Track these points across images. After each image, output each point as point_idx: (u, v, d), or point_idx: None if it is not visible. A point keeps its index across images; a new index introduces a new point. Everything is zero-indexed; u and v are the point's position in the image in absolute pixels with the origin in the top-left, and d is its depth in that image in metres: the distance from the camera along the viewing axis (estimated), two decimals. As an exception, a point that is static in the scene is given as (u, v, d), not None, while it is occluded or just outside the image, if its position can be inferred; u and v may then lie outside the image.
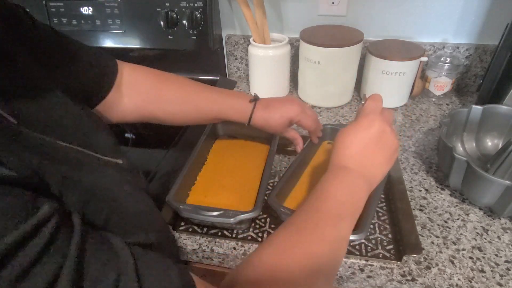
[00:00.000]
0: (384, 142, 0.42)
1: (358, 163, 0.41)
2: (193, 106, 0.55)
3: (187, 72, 0.97)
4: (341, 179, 0.40)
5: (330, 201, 0.38)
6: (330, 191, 0.39)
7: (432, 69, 0.80)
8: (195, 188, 0.57)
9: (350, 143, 0.42)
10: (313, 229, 0.35)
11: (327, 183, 0.40)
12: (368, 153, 0.41)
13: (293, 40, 0.88)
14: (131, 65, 0.55)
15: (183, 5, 0.82)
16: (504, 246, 0.48)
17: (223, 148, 0.66)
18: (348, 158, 0.41)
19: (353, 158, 0.41)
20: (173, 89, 0.55)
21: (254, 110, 0.55)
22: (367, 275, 0.46)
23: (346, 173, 0.41)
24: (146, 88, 0.54)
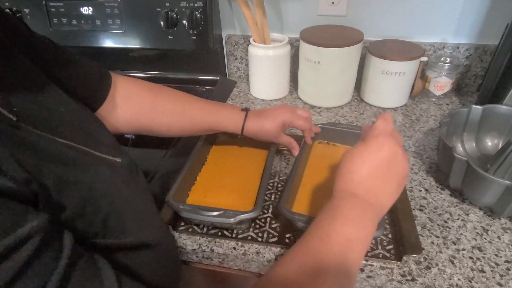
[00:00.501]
0: (395, 167, 0.38)
1: (366, 191, 0.37)
2: (187, 117, 0.56)
3: (187, 72, 0.98)
4: (346, 214, 0.36)
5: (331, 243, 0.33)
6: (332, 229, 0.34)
7: (432, 69, 0.80)
8: (195, 188, 0.57)
9: (358, 168, 0.38)
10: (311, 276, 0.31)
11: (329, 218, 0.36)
12: (378, 180, 0.37)
13: (293, 40, 0.88)
14: (126, 77, 0.55)
15: (183, 5, 0.82)
16: (504, 246, 0.48)
17: (223, 148, 0.66)
18: (356, 184, 0.37)
19: (361, 184, 0.37)
20: (167, 101, 0.56)
21: (246, 118, 0.56)
22: (367, 275, 0.46)
23: (351, 205, 0.36)
24: (140, 100, 0.55)
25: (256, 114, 0.57)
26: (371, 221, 0.36)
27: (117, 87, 0.53)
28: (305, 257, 0.33)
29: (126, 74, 1.01)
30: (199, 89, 0.95)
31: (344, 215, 0.35)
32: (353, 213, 0.36)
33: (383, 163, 0.37)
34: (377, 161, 0.37)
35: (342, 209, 0.36)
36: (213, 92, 0.91)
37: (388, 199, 0.39)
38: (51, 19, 0.91)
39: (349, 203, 0.36)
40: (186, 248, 0.50)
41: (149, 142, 0.73)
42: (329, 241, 0.34)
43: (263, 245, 0.49)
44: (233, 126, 0.56)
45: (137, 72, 1.01)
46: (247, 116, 0.57)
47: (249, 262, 0.49)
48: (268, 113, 0.58)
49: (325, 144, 0.64)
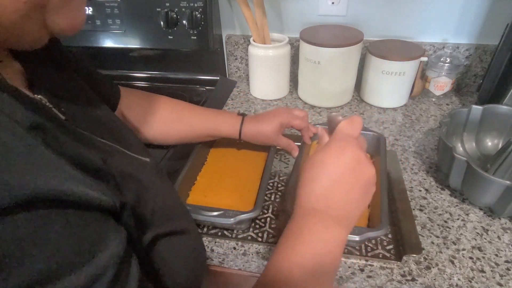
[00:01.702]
0: (361, 173, 0.34)
1: (330, 203, 0.33)
2: (185, 124, 0.58)
3: (187, 72, 0.98)
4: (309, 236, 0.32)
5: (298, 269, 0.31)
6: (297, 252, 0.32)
7: (432, 69, 0.80)
8: (195, 188, 0.57)
9: (319, 177, 0.34)
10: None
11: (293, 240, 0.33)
12: (342, 188, 0.34)
13: (293, 40, 0.88)
14: (127, 88, 0.57)
15: (183, 5, 0.82)
16: (504, 246, 0.48)
17: (223, 148, 0.66)
18: (318, 196, 0.34)
19: (323, 196, 0.33)
20: (165, 109, 0.58)
21: (243, 122, 0.57)
22: (367, 275, 0.46)
23: (313, 224, 0.33)
24: (139, 109, 0.57)
25: (253, 118, 0.58)
26: (337, 239, 0.33)
27: (122, 98, 0.55)
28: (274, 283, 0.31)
29: (126, 74, 1.01)
30: (199, 89, 0.94)
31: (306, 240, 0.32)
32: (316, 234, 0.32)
33: (346, 169, 0.34)
34: (339, 168, 0.34)
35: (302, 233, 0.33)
36: (213, 92, 0.91)
37: (355, 209, 0.35)
38: (51, 19, 0.91)
39: (311, 223, 0.33)
40: (186, 248, 0.50)
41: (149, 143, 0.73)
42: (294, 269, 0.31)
43: (263, 245, 0.49)
44: (231, 131, 0.57)
45: (137, 72, 1.01)
46: (244, 120, 0.57)
47: (249, 262, 0.49)
48: (265, 116, 0.58)
49: (325, 144, 0.64)
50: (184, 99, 0.89)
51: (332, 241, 0.33)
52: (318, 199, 0.34)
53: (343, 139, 0.35)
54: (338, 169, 0.34)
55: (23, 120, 0.22)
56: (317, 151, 0.36)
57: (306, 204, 0.34)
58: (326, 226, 0.33)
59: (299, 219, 0.34)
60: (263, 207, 0.55)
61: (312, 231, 0.32)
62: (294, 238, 0.33)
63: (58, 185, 0.21)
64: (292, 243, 0.33)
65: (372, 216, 0.50)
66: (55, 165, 0.22)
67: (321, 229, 0.33)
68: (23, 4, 0.23)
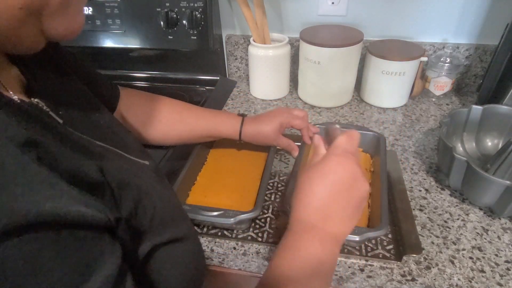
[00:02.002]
0: (356, 190, 0.35)
1: (326, 218, 0.34)
2: (185, 124, 0.58)
3: (187, 72, 0.98)
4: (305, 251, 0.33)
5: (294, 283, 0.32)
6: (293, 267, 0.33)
7: (432, 69, 0.80)
8: (195, 188, 0.57)
9: (317, 193, 0.34)
10: None
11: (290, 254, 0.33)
12: (338, 204, 0.34)
13: (293, 40, 0.88)
14: (126, 88, 0.57)
15: (183, 5, 0.82)
16: (504, 246, 0.48)
17: (223, 149, 0.66)
18: (315, 211, 0.34)
19: (320, 211, 0.34)
20: (165, 109, 0.58)
21: (243, 122, 0.57)
22: (367, 275, 0.46)
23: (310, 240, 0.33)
24: (139, 109, 0.57)
25: (252, 118, 0.58)
26: (331, 255, 0.34)
27: (122, 98, 0.55)
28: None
29: (126, 74, 1.01)
30: (199, 89, 0.94)
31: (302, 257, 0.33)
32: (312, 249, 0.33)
33: (344, 185, 0.34)
34: (338, 184, 0.34)
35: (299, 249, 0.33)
36: (213, 92, 0.91)
37: (349, 224, 0.35)
38: (51, 19, 0.91)
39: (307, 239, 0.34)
40: (186, 248, 0.50)
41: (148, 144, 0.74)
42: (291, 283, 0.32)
43: (263, 245, 0.49)
44: (231, 131, 0.57)
45: (137, 72, 1.01)
46: (244, 120, 0.57)
47: (249, 262, 0.49)
48: (265, 116, 0.58)
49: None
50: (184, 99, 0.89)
51: (327, 258, 0.33)
52: (316, 213, 0.34)
53: (342, 155, 0.35)
54: (336, 185, 0.34)
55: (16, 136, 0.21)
56: (315, 163, 0.36)
57: (303, 217, 0.35)
58: (322, 243, 0.33)
59: (296, 234, 0.34)
60: (263, 207, 0.55)
61: (308, 248, 0.33)
62: (291, 254, 0.33)
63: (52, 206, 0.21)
64: (289, 258, 0.33)
65: (372, 216, 0.50)
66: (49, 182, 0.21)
67: (317, 246, 0.33)
68: (19, 11, 0.23)
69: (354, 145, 0.37)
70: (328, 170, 0.35)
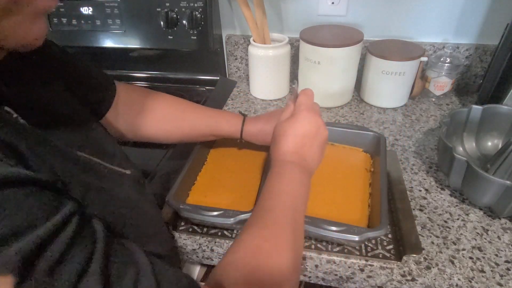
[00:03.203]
0: (320, 137, 0.45)
1: (299, 158, 0.43)
2: (187, 123, 0.58)
3: (187, 72, 0.98)
4: (289, 175, 0.41)
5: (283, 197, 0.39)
6: (281, 188, 0.40)
7: (432, 69, 0.80)
8: (195, 188, 0.57)
9: (291, 140, 0.44)
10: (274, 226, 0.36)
11: (277, 181, 0.41)
12: (307, 147, 0.44)
13: (293, 40, 0.88)
14: (127, 85, 0.57)
15: (183, 5, 0.82)
16: (504, 246, 0.48)
17: (223, 148, 0.66)
18: (291, 153, 0.43)
19: (294, 153, 0.43)
20: (167, 107, 0.57)
21: (245, 121, 0.57)
22: (367, 275, 0.46)
23: (291, 168, 0.42)
24: (141, 107, 0.56)
25: (254, 117, 0.59)
26: (306, 179, 0.43)
27: (120, 95, 0.54)
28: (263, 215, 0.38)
29: (126, 74, 1.01)
30: (199, 89, 0.95)
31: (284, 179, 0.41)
32: (294, 174, 0.42)
33: (310, 133, 0.44)
34: (305, 132, 0.44)
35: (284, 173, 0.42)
36: (213, 92, 0.91)
37: (316, 161, 0.46)
38: (51, 19, 0.91)
39: (287, 169, 0.42)
40: (186, 248, 0.50)
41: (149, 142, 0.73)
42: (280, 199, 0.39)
43: (263, 245, 0.49)
44: (232, 130, 0.57)
45: (137, 72, 1.01)
46: (245, 119, 0.57)
47: (249, 262, 0.49)
48: (266, 116, 0.58)
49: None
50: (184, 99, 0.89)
51: (305, 183, 0.42)
52: (292, 155, 0.43)
53: (305, 110, 0.45)
54: (304, 133, 0.44)
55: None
56: (286, 119, 0.46)
57: (283, 158, 0.43)
58: (300, 171, 0.42)
59: (279, 168, 0.43)
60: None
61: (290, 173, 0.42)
62: (277, 180, 0.41)
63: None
64: (276, 183, 0.41)
65: (372, 216, 0.50)
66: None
67: (297, 172, 0.42)
68: None
69: (311, 98, 0.48)
70: (297, 123, 0.44)
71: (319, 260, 0.47)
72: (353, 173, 0.58)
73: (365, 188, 0.55)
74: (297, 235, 0.37)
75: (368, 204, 0.52)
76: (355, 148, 0.63)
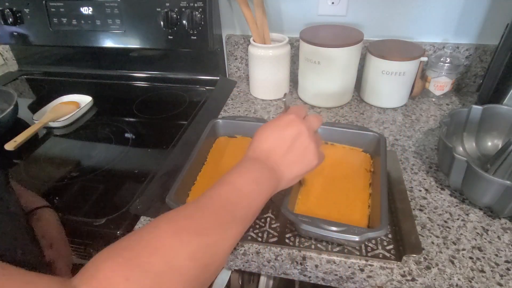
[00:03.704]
0: (298, 144, 0.43)
1: (267, 157, 0.43)
2: None
3: (187, 72, 0.98)
4: (247, 169, 0.41)
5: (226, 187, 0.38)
6: (230, 178, 0.40)
7: (432, 69, 0.80)
8: (195, 188, 0.57)
9: (265, 139, 0.44)
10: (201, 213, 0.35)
11: (231, 172, 0.41)
12: (280, 152, 0.43)
13: (293, 40, 0.88)
14: None
15: (183, 5, 0.82)
16: (504, 246, 0.48)
17: (223, 148, 0.66)
18: (260, 151, 0.43)
19: (264, 152, 0.43)
20: None
21: None
22: (367, 275, 0.46)
23: (253, 163, 0.42)
24: None
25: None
26: (267, 180, 0.41)
27: None
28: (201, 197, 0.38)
29: (126, 74, 1.02)
30: (199, 89, 0.95)
31: (239, 170, 0.41)
32: (249, 170, 0.41)
33: (287, 138, 0.43)
34: (282, 136, 0.43)
35: (241, 166, 0.42)
36: (213, 92, 0.91)
37: (288, 170, 0.43)
38: (51, 19, 0.91)
39: (250, 164, 0.42)
40: (186, 248, 0.50)
41: (149, 142, 0.74)
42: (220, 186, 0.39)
43: (263, 245, 0.49)
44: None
45: (137, 72, 1.01)
46: None
47: (249, 262, 0.49)
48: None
49: (323, 144, 0.64)
50: (184, 99, 0.89)
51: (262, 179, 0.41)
52: (261, 152, 0.43)
53: (291, 115, 0.44)
54: (282, 135, 0.43)
55: None
56: (270, 121, 0.45)
57: (252, 155, 0.44)
58: (261, 168, 0.42)
59: (242, 162, 0.43)
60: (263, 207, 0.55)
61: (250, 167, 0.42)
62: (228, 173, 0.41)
63: None
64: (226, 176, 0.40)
65: (372, 216, 0.50)
66: None
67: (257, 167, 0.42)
68: None
69: (302, 112, 0.47)
70: (277, 125, 0.44)
71: (319, 260, 0.47)
72: (353, 173, 0.58)
73: (365, 188, 0.55)
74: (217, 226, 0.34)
75: (368, 204, 0.52)
76: (355, 148, 0.63)
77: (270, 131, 0.44)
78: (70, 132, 0.79)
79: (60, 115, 0.81)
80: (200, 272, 0.31)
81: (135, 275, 0.27)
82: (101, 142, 0.74)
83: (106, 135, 0.76)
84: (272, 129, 0.44)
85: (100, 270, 0.27)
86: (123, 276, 0.26)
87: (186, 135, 0.73)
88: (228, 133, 0.68)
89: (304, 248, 0.48)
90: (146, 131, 0.77)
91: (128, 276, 0.27)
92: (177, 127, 0.76)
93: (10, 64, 1.15)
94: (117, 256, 0.28)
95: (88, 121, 0.82)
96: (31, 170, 0.67)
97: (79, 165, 0.67)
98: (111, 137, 0.75)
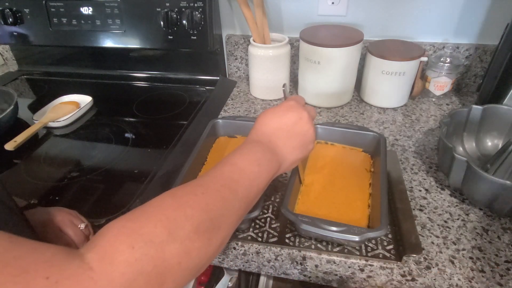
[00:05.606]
0: (299, 128, 0.45)
1: (269, 140, 0.43)
2: None
3: (187, 72, 0.98)
4: (249, 150, 0.42)
5: (228, 167, 0.39)
6: (232, 159, 0.40)
7: (432, 69, 0.80)
8: (195, 188, 0.57)
9: (267, 123, 0.45)
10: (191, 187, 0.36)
11: (234, 153, 0.41)
12: (282, 135, 0.44)
13: (293, 40, 0.88)
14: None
15: (183, 5, 0.82)
16: (504, 246, 0.48)
17: (223, 148, 0.66)
18: (262, 134, 0.44)
19: (266, 135, 0.44)
20: None
21: None
22: (367, 275, 0.46)
23: (255, 145, 0.43)
24: None
25: None
26: (269, 162, 0.41)
27: None
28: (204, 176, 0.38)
29: (126, 74, 1.02)
30: (199, 89, 0.95)
31: (241, 152, 0.41)
32: (251, 151, 0.41)
33: (288, 122, 0.44)
34: (284, 120, 0.44)
35: (243, 148, 0.42)
36: (213, 92, 0.91)
37: (289, 154, 0.44)
38: (51, 19, 0.91)
39: (252, 146, 0.42)
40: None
41: (149, 142, 0.74)
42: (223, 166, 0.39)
43: (263, 245, 0.49)
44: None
45: (137, 72, 1.01)
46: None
47: (249, 262, 0.49)
48: None
49: (323, 144, 0.64)
50: (184, 99, 0.89)
51: (263, 160, 0.41)
52: (262, 135, 0.44)
53: (292, 101, 0.46)
54: (283, 120, 0.44)
55: None
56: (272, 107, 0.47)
57: (254, 138, 0.44)
58: (263, 149, 0.42)
59: (244, 144, 0.43)
60: (263, 207, 0.55)
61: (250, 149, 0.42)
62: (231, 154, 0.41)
63: None
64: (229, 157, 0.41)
65: (372, 216, 0.50)
66: None
67: (258, 149, 0.42)
68: None
69: (302, 100, 0.48)
70: (278, 110, 0.45)
71: (319, 260, 0.48)
72: (353, 173, 0.58)
73: (365, 188, 0.55)
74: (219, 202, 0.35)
75: (368, 204, 0.52)
76: (355, 148, 0.63)
77: (271, 116, 0.45)
78: (70, 132, 0.79)
79: (60, 115, 0.81)
80: (203, 244, 0.32)
81: (140, 244, 0.28)
82: (101, 142, 0.74)
83: (106, 135, 0.76)
84: (274, 114, 0.45)
85: (106, 239, 0.28)
86: (129, 244, 0.28)
87: (186, 135, 0.73)
88: (228, 133, 0.68)
89: (304, 248, 0.48)
90: (146, 131, 0.77)
91: (133, 244, 0.28)
92: (177, 127, 0.76)
93: (10, 64, 1.15)
94: (123, 227, 0.29)
95: (88, 121, 0.82)
96: (31, 170, 0.67)
97: (79, 165, 0.67)
98: (111, 137, 0.75)
